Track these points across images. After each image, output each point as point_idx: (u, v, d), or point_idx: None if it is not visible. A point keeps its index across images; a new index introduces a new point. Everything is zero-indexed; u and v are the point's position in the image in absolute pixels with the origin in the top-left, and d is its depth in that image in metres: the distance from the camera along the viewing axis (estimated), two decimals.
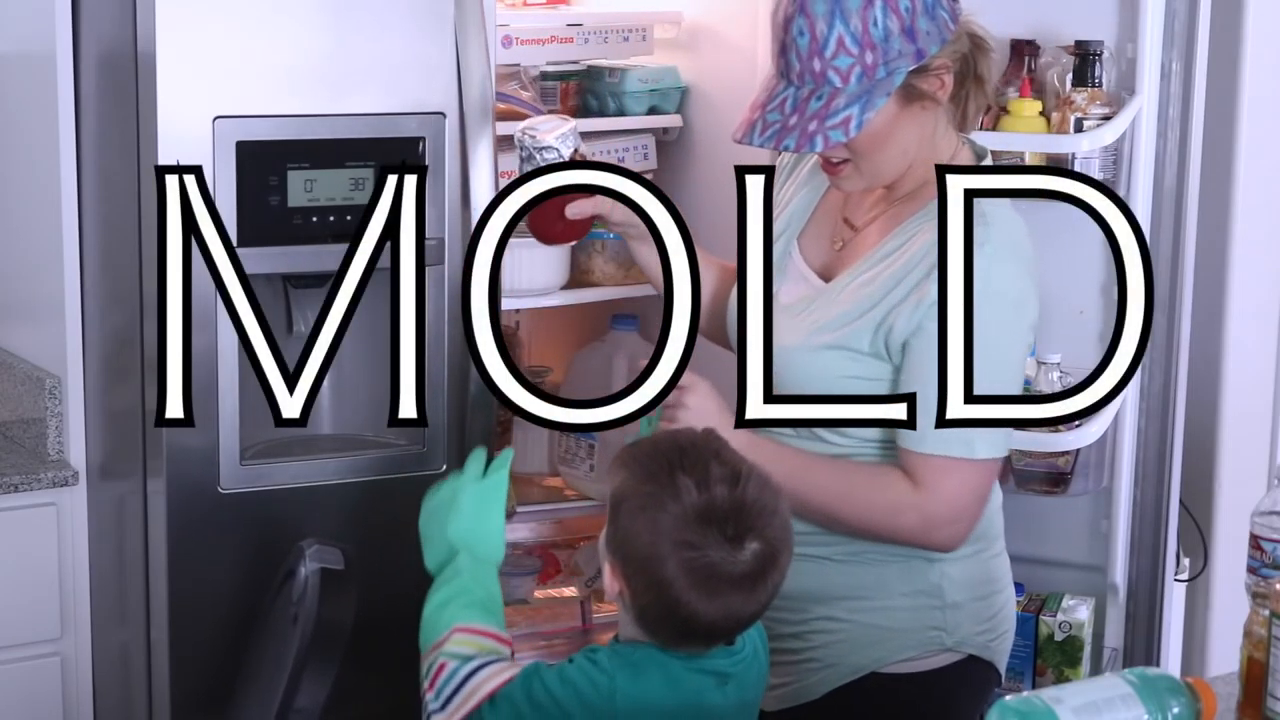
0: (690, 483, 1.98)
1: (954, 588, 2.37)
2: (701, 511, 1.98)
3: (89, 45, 2.81)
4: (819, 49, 2.22)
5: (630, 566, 2.02)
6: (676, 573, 1.97)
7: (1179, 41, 3.14)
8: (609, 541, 2.05)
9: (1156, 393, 3.23)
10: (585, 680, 2.05)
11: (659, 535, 1.98)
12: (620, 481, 2.04)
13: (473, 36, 2.75)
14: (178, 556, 2.68)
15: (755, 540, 1.99)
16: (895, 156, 2.32)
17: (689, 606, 1.98)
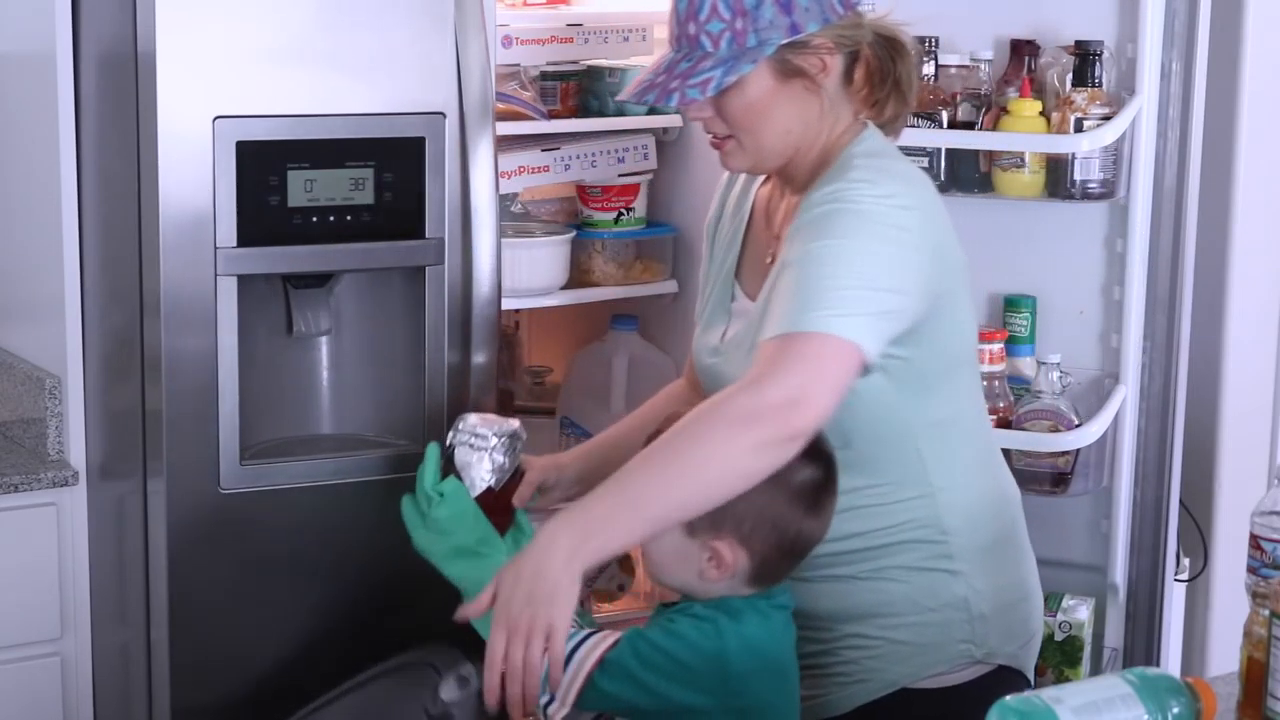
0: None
1: (980, 599, 2.34)
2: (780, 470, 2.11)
3: (89, 45, 2.81)
4: (694, 13, 2.25)
5: (747, 526, 2.15)
6: (794, 504, 2.16)
7: (1179, 41, 3.14)
8: (708, 525, 2.14)
9: (1156, 393, 3.23)
10: (692, 629, 2.15)
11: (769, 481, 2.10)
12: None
13: (473, 36, 2.76)
14: (178, 556, 2.68)
15: (819, 442, 2.16)
16: (777, 135, 2.29)
17: (805, 530, 2.18)
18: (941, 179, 3.16)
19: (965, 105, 3.11)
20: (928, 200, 2.29)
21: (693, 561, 2.18)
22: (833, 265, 2.16)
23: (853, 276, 2.15)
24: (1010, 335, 3.16)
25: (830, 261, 2.16)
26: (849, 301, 2.14)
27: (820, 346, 2.11)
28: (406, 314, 2.81)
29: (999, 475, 2.45)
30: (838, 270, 2.15)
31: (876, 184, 2.23)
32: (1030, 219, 3.24)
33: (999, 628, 2.37)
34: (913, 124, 3.08)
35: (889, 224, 2.20)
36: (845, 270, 2.15)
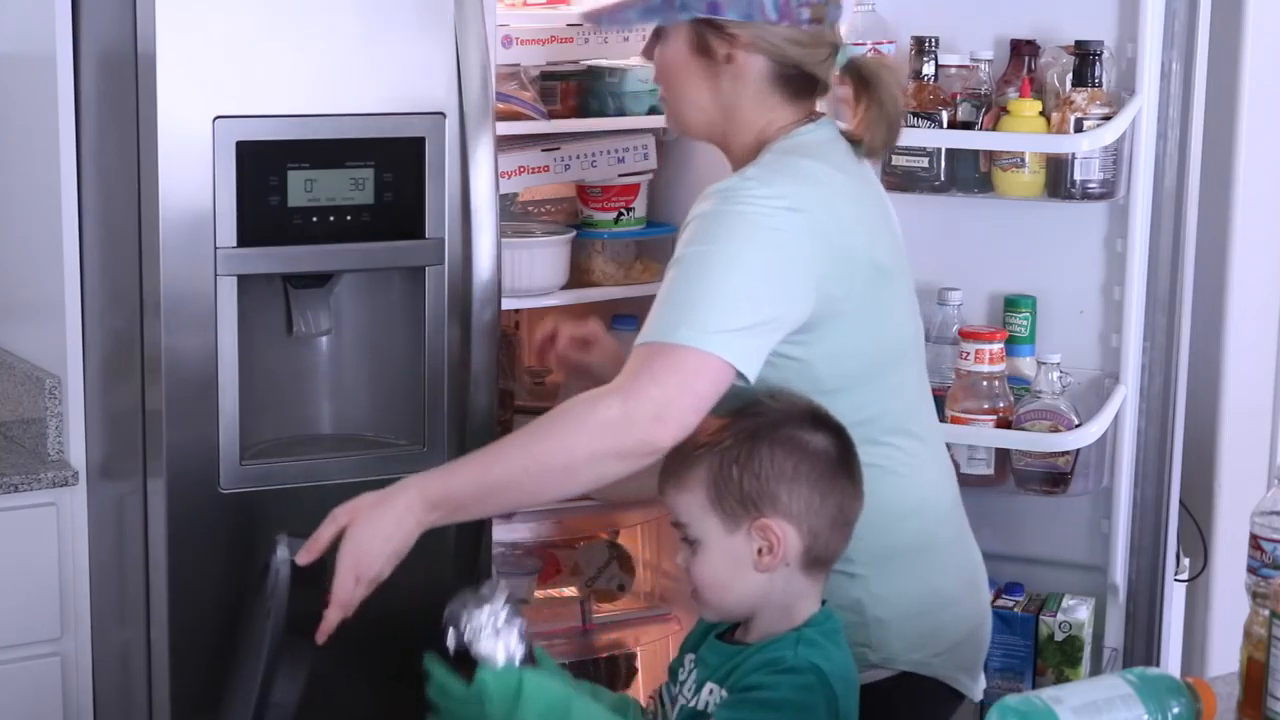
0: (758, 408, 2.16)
1: (877, 604, 2.32)
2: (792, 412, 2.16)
3: (89, 45, 2.81)
4: None
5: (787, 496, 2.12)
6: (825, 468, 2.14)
7: (1179, 41, 3.14)
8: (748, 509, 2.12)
9: (1156, 393, 3.23)
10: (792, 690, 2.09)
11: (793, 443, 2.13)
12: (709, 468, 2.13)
13: (473, 36, 2.76)
14: (178, 556, 2.68)
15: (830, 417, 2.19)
16: (688, 104, 2.38)
17: (846, 499, 2.16)
18: (941, 179, 3.16)
19: (965, 105, 3.12)
20: (822, 200, 2.27)
21: (744, 559, 2.13)
22: (708, 274, 2.18)
23: (727, 286, 2.18)
24: (1010, 335, 3.16)
25: (706, 270, 2.18)
26: (721, 315, 2.17)
27: (686, 362, 2.15)
28: (406, 314, 2.81)
29: (921, 480, 2.39)
30: (712, 280, 2.18)
31: (769, 184, 2.24)
32: (1030, 219, 3.24)
33: (902, 634, 2.34)
34: (913, 124, 3.09)
35: (768, 228, 2.21)
36: (719, 281, 2.18)
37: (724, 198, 2.24)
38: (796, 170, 2.28)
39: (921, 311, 3.23)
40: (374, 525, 2.20)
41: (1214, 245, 3.49)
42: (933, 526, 2.40)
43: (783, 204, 2.23)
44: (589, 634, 3.41)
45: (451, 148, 2.77)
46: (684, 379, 2.16)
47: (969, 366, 3.09)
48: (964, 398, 3.09)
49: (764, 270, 2.20)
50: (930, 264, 3.29)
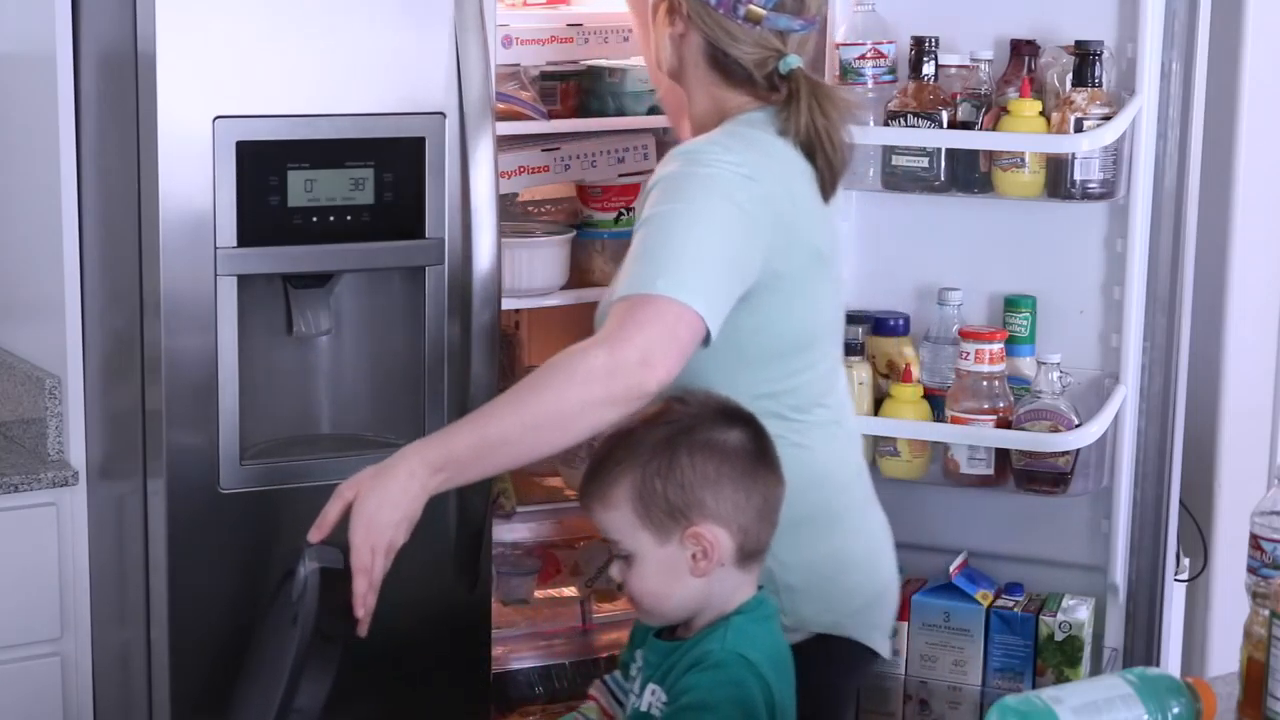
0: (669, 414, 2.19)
1: (786, 571, 2.38)
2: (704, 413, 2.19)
3: (89, 45, 2.81)
4: None
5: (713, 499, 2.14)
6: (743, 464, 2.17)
7: (1179, 41, 3.14)
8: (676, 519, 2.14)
9: (1156, 393, 3.23)
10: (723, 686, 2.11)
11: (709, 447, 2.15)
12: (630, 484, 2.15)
13: (473, 36, 2.76)
14: (178, 556, 2.68)
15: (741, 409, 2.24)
16: (647, 53, 2.58)
17: (769, 490, 2.20)
18: (941, 179, 3.16)
19: (965, 105, 3.11)
20: (779, 177, 2.35)
21: (680, 568, 2.15)
22: (680, 232, 2.25)
23: (698, 245, 2.25)
24: (1010, 335, 3.16)
25: (677, 228, 2.25)
26: (695, 271, 2.23)
27: (667, 311, 2.21)
28: (406, 314, 2.81)
29: (827, 452, 2.45)
30: (684, 237, 2.25)
31: (731, 150, 2.32)
32: (1030, 219, 3.24)
33: (811, 599, 2.41)
34: (913, 124, 3.09)
35: (732, 190, 2.29)
36: (692, 239, 2.25)
37: (689, 159, 2.31)
38: (756, 141, 2.37)
39: (921, 311, 3.27)
40: (380, 494, 2.20)
41: (1214, 245, 3.49)
42: (836, 495, 2.47)
43: (743, 171, 2.30)
44: (589, 634, 3.41)
45: (451, 148, 2.77)
46: (666, 326, 2.21)
47: (969, 366, 3.09)
48: (964, 398, 3.09)
49: (727, 233, 2.28)
50: (930, 264, 3.29)
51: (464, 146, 2.76)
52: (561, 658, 3.31)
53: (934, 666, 3.22)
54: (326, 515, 2.23)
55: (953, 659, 3.21)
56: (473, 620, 2.90)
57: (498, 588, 3.16)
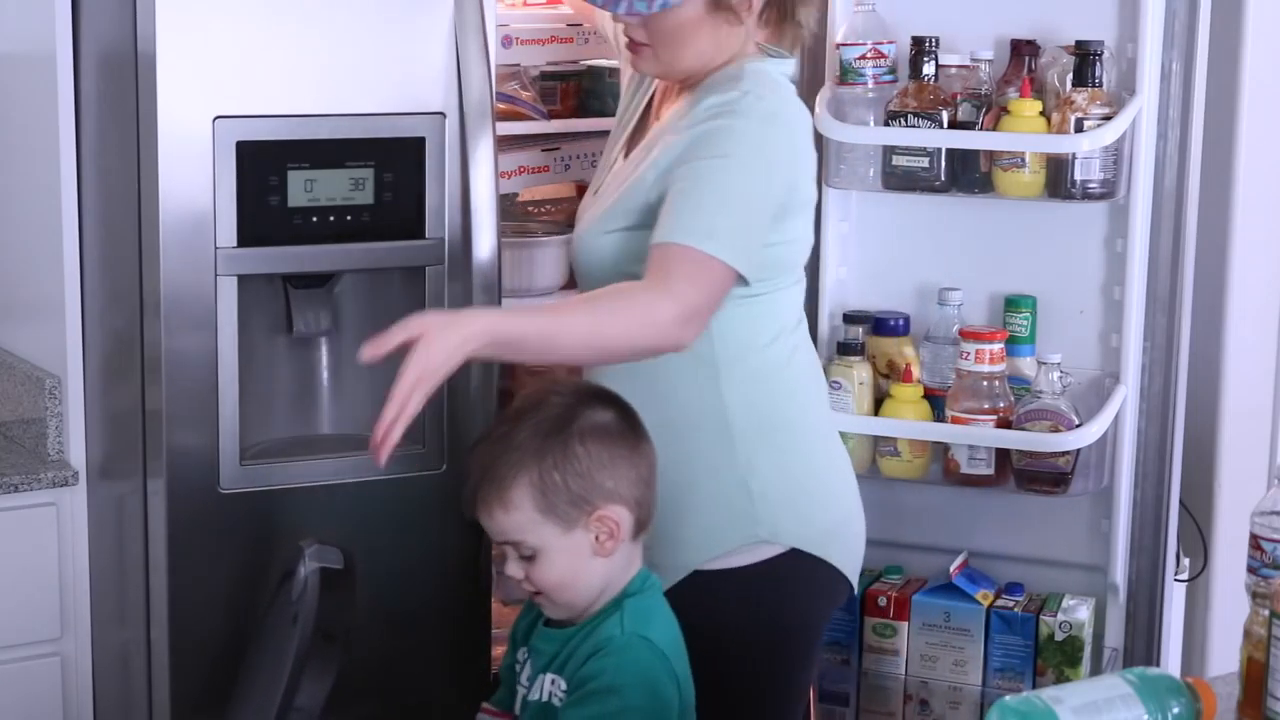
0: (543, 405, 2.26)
1: (761, 481, 2.47)
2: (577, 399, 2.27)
3: (89, 45, 2.81)
4: None
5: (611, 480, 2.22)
6: (621, 439, 2.25)
7: (1179, 41, 3.14)
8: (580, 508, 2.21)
9: (1156, 393, 3.23)
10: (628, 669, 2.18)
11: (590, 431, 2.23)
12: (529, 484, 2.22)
13: (473, 36, 2.76)
14: (178, 556, 2.68)
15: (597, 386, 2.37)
16: (691, 56, 2.53)
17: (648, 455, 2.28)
18: (941, 179, 3.16)
19: (965, 105, 3.11)
20: (801, 120, 2.54)
21: (584, 551, 2.22)
22: (727, 186, 2.39)
23: (741, 200, 2.40)
24: (1010, 335, 3.16)
25: (726, 182, 2.39)
26: (740, 228, 2.40)
27: (716, 271, 2.37)
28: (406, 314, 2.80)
29: (796, 366, 2.55)
30: (731, 192, 2.39)
31: (763, 98, 2.47)
32: (1030, 219, 3.24)
33: (785, 509, 2.48)
34: (913, 124, 3.09)
35: (770, 143, 2.45)
36: (737, 194, 2.40)
37: (729, 111, 2.44)
38: (781, 88, 2.53)
39: (921, 311, 3.27)
40: (443, 340, 2.24)
41: (1214, 245, 3.49)
42: (808, 409, 2.57)
43: (778, 122, 2.47)
44: None
45: (451, 148, 2.76)
46: (712, 289, 2.38)
47: (969, 366, 3.09)
48: (964, 398, 3.10)
49: (765, 184, 2.43)
50: (930, 264, 3.30)
51: (464, 146, 2.76)
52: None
53: (934, 666, 3.22)
54: (389, 339, 2.25)
55: (953, 659, 3.21)
56: (473, 620, 2.90)
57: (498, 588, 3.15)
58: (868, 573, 3.30)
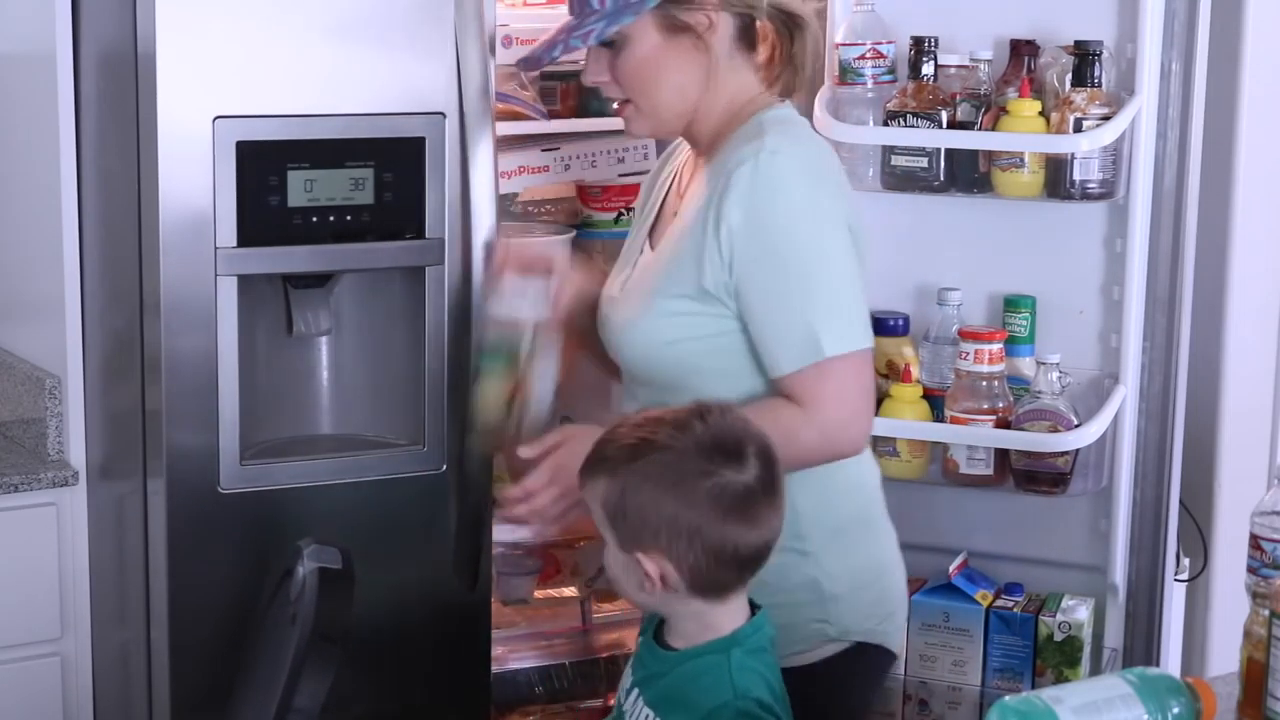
0: (671, 433, 2.08)
1: (831, 580, 2.40)
2: (700, 447, 2.07)
3: (89, 45, 2.81)
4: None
5: (665, 538, 2.07)
6: (713, 512, 2.05)
7: (1179, 41, 3.14)
8: (635, 537, 2.09)
9: (1156, 393, 3.23)
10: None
11: (682, 489, 2.06)
12: (610, 486, 2.10)
13: (473, 36, 2.76)
14: (178, 556, 2.68)
15: (751, 443, 2.09)
16: (670, 93, 2.41)
17: (734, 539, 2.07)
18: (941, 179, 3.16)
19: (965, 105, 3.11)
20: (837, 166, 2.45)
21: (634, 575, 2.12)
22: (817, 274, 2.32)
23: (837, 284, 2.33)
24: (1010, 335, 3.16)
25: (813, 271, 2.32)
26: (849, 313, 2.33)
27: (849, 366, 2.32)
28: (406, 314, 2.81)
29: (862, 456, 2.48)
30: (823, 278, 2.32)
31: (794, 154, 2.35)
32: (1030, 219, 3.24)
33: (853, 606, 2.42)
34: (913, 124, 3.09)
35: (825, 207, 2.35)
36: (831, 278, 2.32)
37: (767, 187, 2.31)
38: (811, 138, 2.44)
39: (921, 311, 3.26)
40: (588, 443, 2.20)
41: (1214, 245, 3.49)
42: (870, 501, 2.51)
43: (827, 181, 2.38)
44: (589, 634, 3.41)
45: (451, 148, 2.77)
46: (857, 384, 2.34)
47: (968, 366, 3.09)
48: (963, 398, 3.10)
49: (849, 256, 2.36)
50: (930, 264, 3.29)
51: (464, 146, 2.76)
52: (561, 658, 3.31)
53: (934, 666, 3.22)
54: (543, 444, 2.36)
55: (952, 659, 3.21)
56: (473, 620, 2.90)
57: (498, 588, 3.15)
58: None
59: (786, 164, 2.33)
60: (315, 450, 2.81)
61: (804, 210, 2.33)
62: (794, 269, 2.31)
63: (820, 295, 2.31)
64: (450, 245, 2.78)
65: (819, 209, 2.34)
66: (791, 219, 2.32)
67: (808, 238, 2.32)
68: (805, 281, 2.31)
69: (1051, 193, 3.12)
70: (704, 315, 2.36)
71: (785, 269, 2.31)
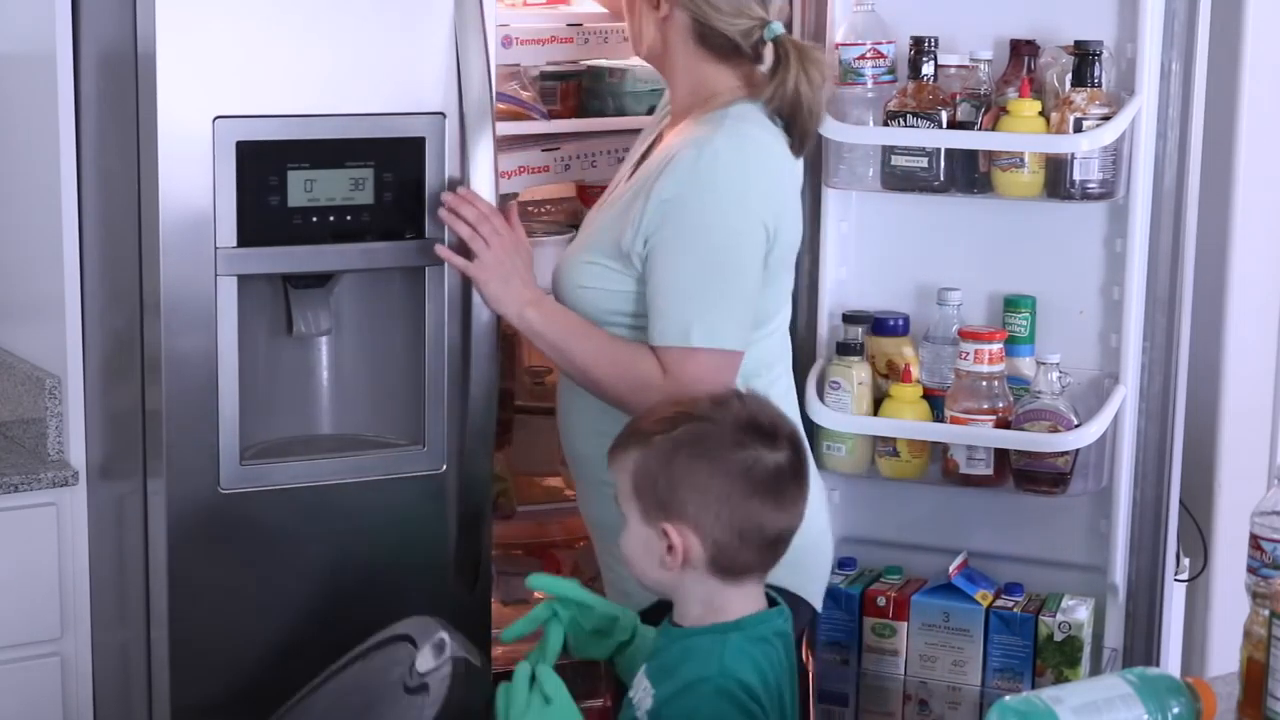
0: (709, 408, 2.18)
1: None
2: (740, 426, 2.16)
3: (89, 45, 2.81)
4: None
5: (693, 511, 2.13)
6: (749, 491, 2.14)
7: (1179, 41, 3.14)
8: (661, 509, 2.14)
9: (1156, 393, 3.23)
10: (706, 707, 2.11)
11: (720, 466, 2.13)
12: (642, 458, 2.16)
13: (473, 36, 2.76)
14: (178, 556, 2.68)
15: (784, 430, 2.19)
16: (636, 30, 2.65)
17: (765, 519, 2.15)
18: (941, 179, 3.16)
19: (965, 105, 3.11)
20: (780, 173, 2.59)
21: (654, 550, 2.16)
22: (717, 271, 2.49)
23: (732, 283, 2.50)
24: (1010, 335, 3.15)
25: (714, 267, 2.49)
26: (729, 314, 2.50)
27: (711, 364, 2.48)
28: (406, 314, 2.81)
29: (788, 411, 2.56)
30: (722, 276, 2.49)
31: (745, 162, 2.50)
32: (1030, 219, 3.24)
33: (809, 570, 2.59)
34: (913, 124, 3.09)
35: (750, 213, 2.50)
36: (722, 278, 2.49)
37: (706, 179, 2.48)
38: (760, 142, 2.55)
39: (921, 311, 3.26)
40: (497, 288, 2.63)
41: (1214, 245, 3.49)
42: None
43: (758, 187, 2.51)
44: None
45: (451, 148, 2.76)
46: (712, 378, 2.45)
47: (968, 366, 3.09)
48: (963, 398, 3.09)
49: (750, 262, 2.52)
50: (930, 264, 3.29)
51: (464, 146, 2.76)
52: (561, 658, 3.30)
53: (934, 666, 3.22)
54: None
55: (952, 659, 3.21)
56: (473, 620, 2.89)
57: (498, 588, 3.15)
58: (867, 573, 3.30)
59: (726, 162, 2.49)
60: (315, 450, 2.81)
61: (727, 210, 2.49)
62: (699, 257, 2.48)
63: (710, 289, 2.49)
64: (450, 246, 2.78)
65: (742, 212, 2.51)
66: (713, 214, 2.49)
67: (721, 236, 2.49)
68: (704, 272, 2.49)
69: (1051, 193, 3.12)
70: (613, 270, 2.56)
71: (691, 254, 2.48)
